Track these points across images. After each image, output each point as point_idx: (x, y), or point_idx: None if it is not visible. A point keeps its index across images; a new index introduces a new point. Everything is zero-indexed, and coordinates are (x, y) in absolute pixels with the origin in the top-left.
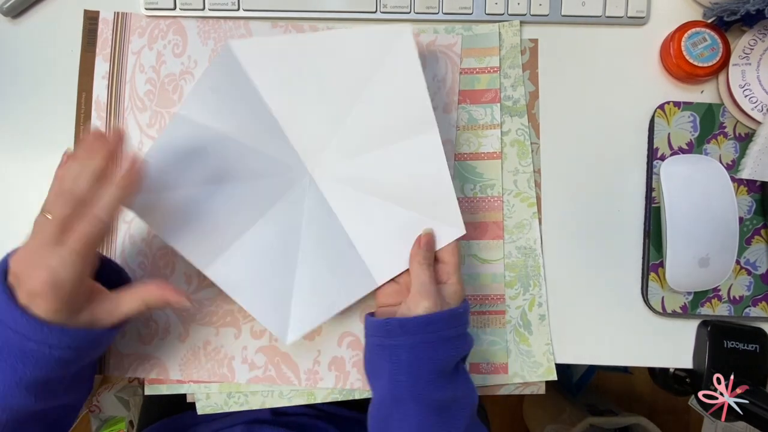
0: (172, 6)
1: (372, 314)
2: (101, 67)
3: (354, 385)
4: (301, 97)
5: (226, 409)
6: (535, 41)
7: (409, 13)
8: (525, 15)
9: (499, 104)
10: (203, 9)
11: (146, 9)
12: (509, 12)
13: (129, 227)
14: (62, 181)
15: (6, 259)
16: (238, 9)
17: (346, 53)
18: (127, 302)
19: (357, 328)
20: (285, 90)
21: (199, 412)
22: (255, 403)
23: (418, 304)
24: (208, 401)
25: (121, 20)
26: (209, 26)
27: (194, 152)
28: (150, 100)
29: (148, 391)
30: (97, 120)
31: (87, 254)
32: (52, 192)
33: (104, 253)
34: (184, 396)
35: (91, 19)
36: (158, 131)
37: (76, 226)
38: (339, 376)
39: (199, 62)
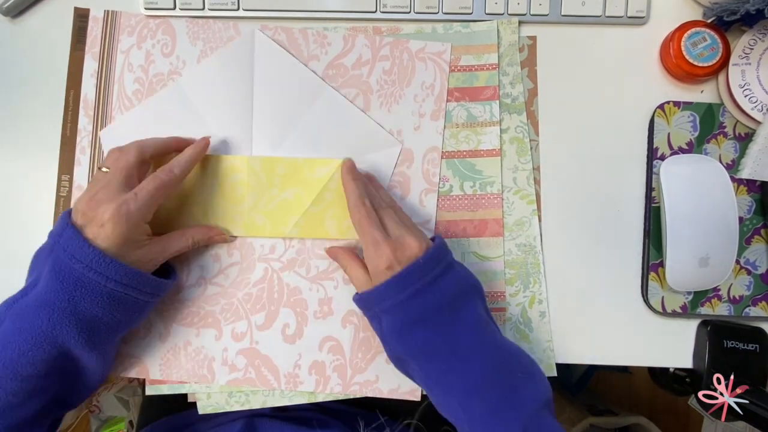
0: (171, 6)
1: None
2: (90, 66)
3: (334, 389)
4: (285, 115)
5: (228, 409)
6: (533, 38)
7: (409, 12)
8: (525, 14)
9: (498, 101)
10: (203, 9)
11: (146, 9)
12: (509, 11)
13: None
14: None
15: (69, 209)
16: (238, 9)
17: (350, 125)
18: (176, 241)
19: (338, 332)
20: (275, 98)
21: (201, 411)
22: (256, 403)
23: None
24: (209, 401)
25: (110, 19)
26: (198, 27)
27: (169, 121)
28: (138, 100)
29: (149, 391)
30: (84, 117)
31: (154, 198)
32: (113, 152)
33: None
34: (184, 396)
35: (81, 17)
36: None
37: (144, 177)
38: (319, 380)
39: (188, 62)
